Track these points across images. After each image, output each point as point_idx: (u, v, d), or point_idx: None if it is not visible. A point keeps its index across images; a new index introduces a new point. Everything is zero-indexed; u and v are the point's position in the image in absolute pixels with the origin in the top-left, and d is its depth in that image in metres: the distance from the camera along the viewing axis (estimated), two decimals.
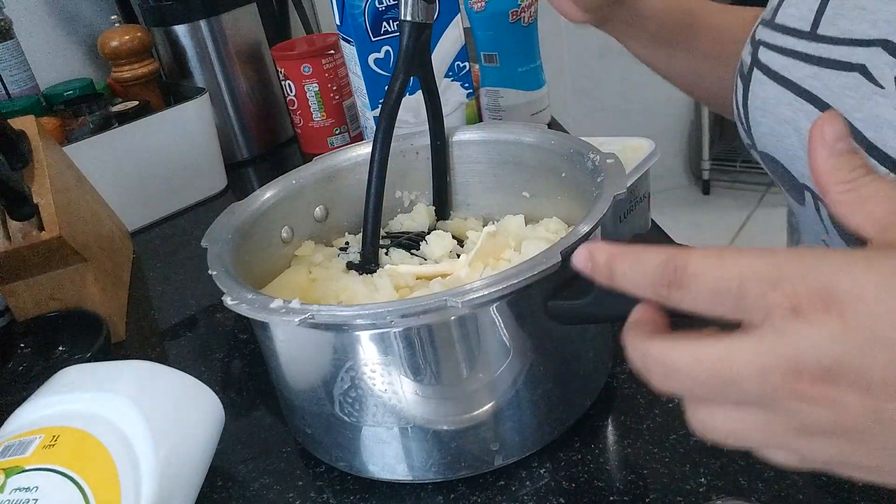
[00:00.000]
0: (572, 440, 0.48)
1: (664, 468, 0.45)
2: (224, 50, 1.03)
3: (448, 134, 0.62)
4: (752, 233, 2.49)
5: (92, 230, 0.73)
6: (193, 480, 0.47)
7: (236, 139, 1.07)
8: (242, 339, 0.67)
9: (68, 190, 0.70)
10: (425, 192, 0.64)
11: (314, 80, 0.95)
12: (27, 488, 0.39)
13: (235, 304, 0.43)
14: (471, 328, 0.43)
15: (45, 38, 1.09)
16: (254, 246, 0.55)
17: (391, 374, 0.43)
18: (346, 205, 0.62)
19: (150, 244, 0.89)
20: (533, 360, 0.45)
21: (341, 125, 0.98)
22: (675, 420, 0.48)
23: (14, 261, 0.64)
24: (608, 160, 0.51)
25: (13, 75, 0.98)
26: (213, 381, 0.53)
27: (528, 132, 0.59)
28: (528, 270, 0.41)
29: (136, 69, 1.02)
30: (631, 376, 0.53)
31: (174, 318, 0.73)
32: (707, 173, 2.68)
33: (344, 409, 0.46)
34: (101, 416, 0.44)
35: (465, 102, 0.81)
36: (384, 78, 0.77)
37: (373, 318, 0.41)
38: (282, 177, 0.60)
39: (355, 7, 0.74)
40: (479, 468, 0.47)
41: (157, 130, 0.91)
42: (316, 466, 0.50)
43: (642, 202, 0.69)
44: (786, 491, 0.42)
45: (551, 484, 0.46)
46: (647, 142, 0.68)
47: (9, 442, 0.42)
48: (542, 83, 0.94)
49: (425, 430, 0.45)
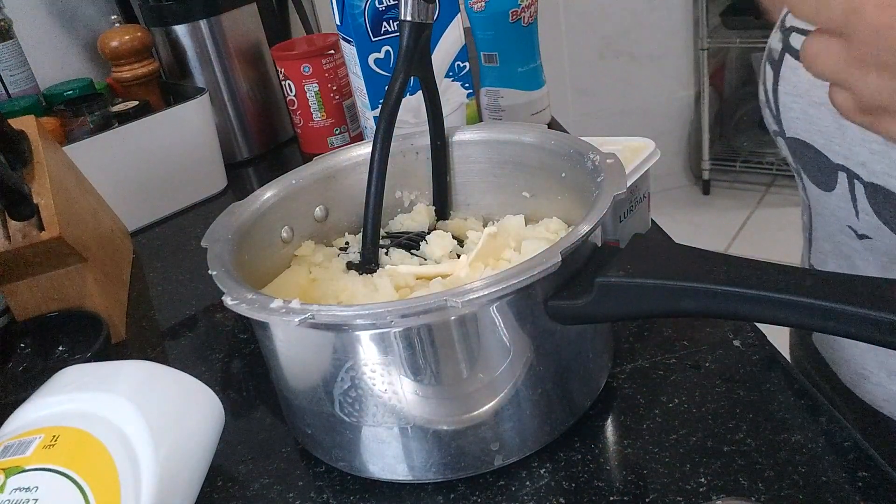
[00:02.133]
0: (572, 440, 0.48)
1: (664, 468, 0.45)
2: (224, 50, 1.03)
3: (448, 134, 0.62)
4: (752, 233, 2.49)
5: (92, 230, 0.73)
6: (193, 480, 0.47)
7: (236, 139, 1.07)
8: (242, 339, 0.67)
9: (68, 190, 0.70)
10: (425, 192, 0.64)
11: (314, 80, 0.95)
12: (27, 488, 0.39)
13: (235, 304, 0.43)
14: (471, 328, 0.43)
15: (45, 38, 1.09)
16: (254, 246, 0.55)
17: (391, 374, 0.43)
18: (346, 205, 0.62)
19: (150, 244, 0.89)
20: (533, 360, 0.45)
21: (341, 125, 0.98)
22: (675, 420, 0.48)
23: (14, 261, 0.64)
24: (608, 160, 0.51)
25: (13, 75, 0.98)
26: (213, 381, 0.53)
27: (528, 132, 0.59)
28: (528, 270, 0.41)
29: (136, 69, 1.02)
30: (631, 376, 0.53)
31: (174, 318, 0.73)
32: (707, 173, 2.68)
33: (344, 409, 0.46)
34: (101, 416, 0.44)
35: (465, 102, 0.81)
36: (384, 78, 0.77)
37: (373, 318, 0.41)
38: (282, 177, 0.60)
39: (355, 7, 0.74)
40: (479, 468, 0.47)
41: (157, 130, 0.91)
42: (316, 466, 0.50)
43: (642, 202, 0.69)
44: (786, 491, 0.42)
45: (551, 484, 0.46)
46: (647, 142, 0.68)
47: (9, 442, 0.42)
48: (542, 83, 0.94)
49: (425, 430, 0.45)
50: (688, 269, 0.41)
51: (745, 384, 0.50)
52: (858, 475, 0.43)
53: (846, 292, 0.37)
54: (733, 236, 2.49)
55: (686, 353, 0.54)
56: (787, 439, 0.46)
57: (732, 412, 0.48)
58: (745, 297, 0.39)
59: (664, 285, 0.41)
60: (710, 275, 0.40)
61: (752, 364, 0.52)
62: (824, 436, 0.45)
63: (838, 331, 0.37)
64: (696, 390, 0.51)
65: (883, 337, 0.36)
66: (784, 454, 0.45)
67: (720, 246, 2.41)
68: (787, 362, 0.53)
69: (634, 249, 0.44)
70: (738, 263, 0.40)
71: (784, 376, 0.51)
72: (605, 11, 2.50)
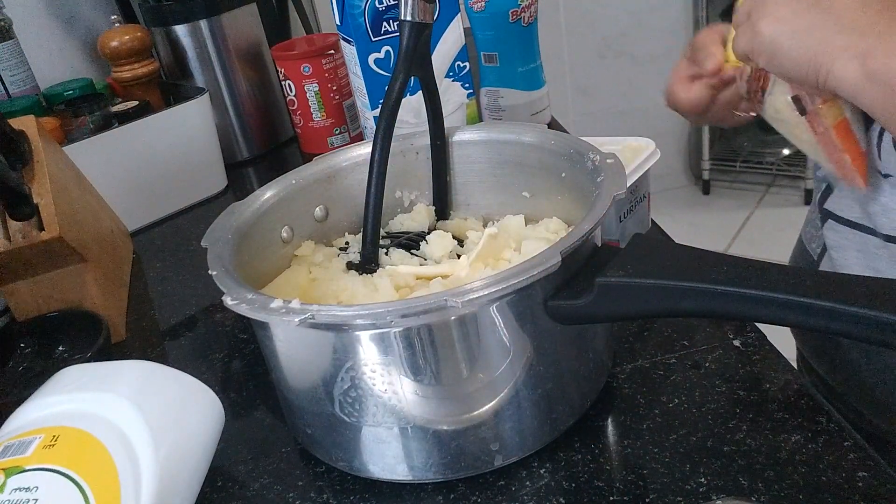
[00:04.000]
0: (572, 440, 0.48)
1: (664, 468, 0.45)
2: (224, 50, 1.03)
3: (448, 134, 0.62)
4: (752, 233, 2.49)
5: (92, 230, 0.73)
6: (193, 480, 0.47)
7: (236, 139, 1.07)
8: (242, 339, 0.67)
9: (68, 190, 0.70)
10: (425, 192, 0.64)
11: (314, 80, 0.95)
12: (27, 488, 0.39)
13: (235, 304, 0.43)
14: (471, 328, 0.43)
15: (45, 38, 1.09)
16: (254, 246, 0.55)
17: (391, 374, 0.43)
18: (346, 205, 0.62)
19: (150, 244, 0.89)
20: (533, 360, 0.45)
21: (341, 125, 0.98)
22: (675, 420, 0.48)
23: (14, 261, 0.64)
24: (608, 160, 0.51)
25: (13, 75, 0.98)
26: (213, 381, 0.53)
27: (528, 132, 0.59)
28: (528, 270, 0.41)
29: (136, 69, 1.02)
30: (631, 376, 0.53)
31: (174, 318, 0.73)
32: (707, 173, 2.68)
33: (344, 409, 0.46)
34: (101, 416, 0.44)
35: (465, 102, 0.81)
36: (384, 78, 0.77)
37: (373, 318, 0.41)
38: (282, 177, 0.60)
39: (355, 7, 0.74)
40: (479, 468, 0.47)
41: (157, 130, 0.91)
42: (316, 466, 0.50)
43: (642, 202, 0.69)
44: (786, 491, 0.42)
45: (551, 484, 0.46)
46: (648, 142, 0.68)
47: (9, 442, 0.42)
48: (542, 83, 0.94)
49: (425, 430, 0.45)
50: (688, 269, 0.41)
51: (745, 384, 0.50)
52: (858, 475, 0.43)
53: (846, 292, 0.37)
54: (733, 236, 2.49)
55: (686, 353, 0.54)
56: (787, 439, 0.46)
57: (732, 412, 0.48)
58: (745, 297, 0.39)
59: (664, 285, 0.41)
60: (710, 275, 0.40)
61: (752, 364, 0.52)
62: (824, 436, 0.45)
63: (838, 331, 0.37)
64: (696, 390, 0.51)
65: (883, 337, 0.36)
66: (784, 454, 0.45)
67: (720, 246, 2.41)
68: (787, 362, 0.53)
69: (634, 249, 0.44)
70: (738, 263, 0.40)
71: (784, 376, 0.51)
72: (605, 11, 2.50)
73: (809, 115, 0.53)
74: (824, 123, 0.53)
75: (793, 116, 0.54)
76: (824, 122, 0.53)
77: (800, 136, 0.56)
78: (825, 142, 0.54)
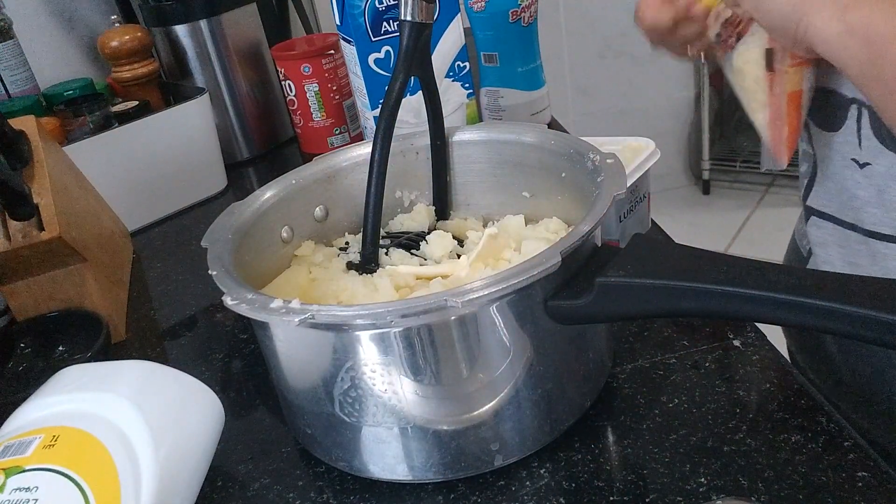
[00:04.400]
0: (572, 440, 0.48)
1: (664, 468, 0.45)
2: (224, 50, 1.03)
3: (448, 134, 0.62)
4: (752, 233, 2.49)
5: (92, 230, 0.73)
6: (193, 480, 0.47)
7: (236, 139, 1.07)
8: (242, 339, 0.67)
9: (68, 190, 0.70)
10: (425, 192, 0.64)
11: (314, 80, 0.95)
12: (27, 488, 0.39)
13: (235, 304, 0.43)
14: (471, 328, 0.43)
15: (45, 38, 1.09)
16: (254, 246, 0.55)
17: (391, 374, 0.43)
18: (346, 205, 0.62)
19: (150, 244, 0.89)
20: (533, 360, 0.45)
21: (341, 125, 0.98)
22: (675, 420, 0.48)
23: (14, 261, 0.64)
24: (608, 160, 0.51)
25: (13, 75, 0.98)
26: (213, 381, 0.53)
27: (528, 132, 0.59)
28: (528, 270, 0.41)
29: (136, 69, 1.02)
30: (631, 376, 0.53)
31: (174, 318, 0.73)
32: (707, 173, 2.68)
33: (344, 409, 0.46)
34: (101, 416, 0.44)
35: (465, 102, 0.81)
36: (384, 78, 0.77)
37: (373, 318, 0.41)
38: (282, 177, 0.60)
39: (355, 7, 0.74)
40: (479, 468, 0.47)
41: (157, 130, 0.91)
42: (316, 466, 0.50)
43: (642, 202, 0.69)
44: (786, 491, 0.42)
45: (551, 484, 0.46)
46: (648, 142, 0.68)
47: (9, 442, 0.42)
48: (542, 83, 0.94)
49: (425, 430, 0.45)
50: (688, 269, 0.41)
51: (745, 384, 0.50)
52: (858, 475, 0.43)
53: (846, 292, 0.37)
54: (733, 236, 2.49)
55: (686, 353, 0.54)
56: (787, 439, 0.46)
57: (732, 412, 0.48)
58: (745, 297, 0.39)
59: (664, 285, 0.41)
60: (710, 275, 0.40)
61: (752, 364, 0.52)
62: (824, 436, 0.45)
63: (838, 331, 0.37)
64: (696, 390, 0.51)
65: (883, 337, 0.36)
66: (784, 454, 0.45)
67: (720, 246, 2.41)
68: (787, 362, 0.53)
69: (634, 249, 0.44)
70: (738, 263, 0.40)
71: (784, 376, 0.51)
72: (605, 11, 2.50)
73: (774, 74, 0.54)
74: (783, 87, 0.54)
75: (757, 71, 0.55)
76: (783, 86, 0.54)
77: (752, 94, 0.56)
78: (774, 106, 0.55)
